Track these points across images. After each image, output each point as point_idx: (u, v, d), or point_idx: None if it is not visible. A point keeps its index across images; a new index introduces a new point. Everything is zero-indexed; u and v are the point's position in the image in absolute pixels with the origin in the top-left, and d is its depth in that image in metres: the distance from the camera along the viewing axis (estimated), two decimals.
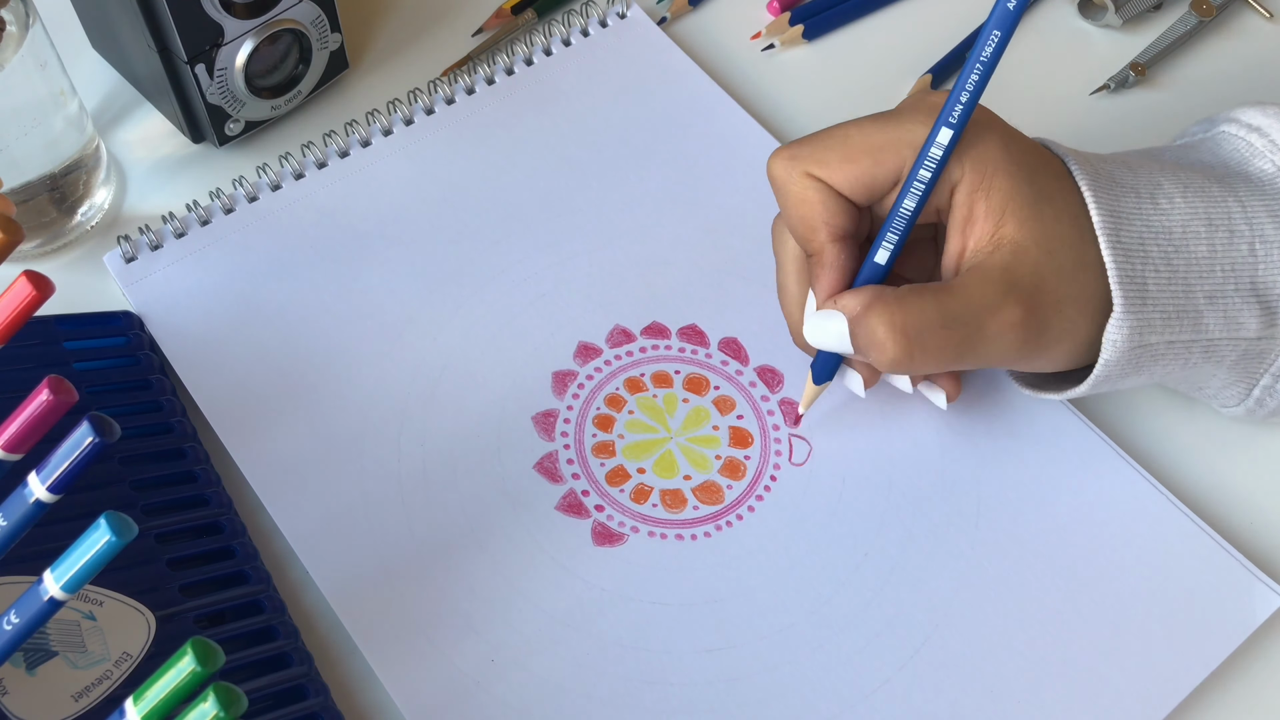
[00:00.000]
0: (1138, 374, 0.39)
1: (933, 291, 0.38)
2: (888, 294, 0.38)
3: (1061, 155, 0.40)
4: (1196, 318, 0.39)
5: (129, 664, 0.37)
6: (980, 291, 0.37)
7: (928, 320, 0.37)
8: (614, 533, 0.43)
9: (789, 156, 0.39)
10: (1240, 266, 0.39)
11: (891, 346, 0.37)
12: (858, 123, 0.39)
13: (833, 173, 0.38)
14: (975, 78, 0.37)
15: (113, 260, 0.48)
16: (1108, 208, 0.38)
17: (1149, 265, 0.38)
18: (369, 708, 0.40)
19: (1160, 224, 0.39)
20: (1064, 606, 0.41)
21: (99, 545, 0.26)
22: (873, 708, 0.40)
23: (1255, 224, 0.39)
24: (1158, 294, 0.38)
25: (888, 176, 0.38)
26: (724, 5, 0.58)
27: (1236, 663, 0.41)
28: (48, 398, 0.27)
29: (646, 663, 0.40)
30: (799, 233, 0.40)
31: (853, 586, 0.42)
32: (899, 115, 0.39)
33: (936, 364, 0.38)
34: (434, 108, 0.52)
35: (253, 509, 0.44)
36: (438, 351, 0.46)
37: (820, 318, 0.39)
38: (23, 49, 0.44)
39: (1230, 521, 0.44)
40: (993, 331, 0.37)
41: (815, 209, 0.39)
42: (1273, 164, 0.41)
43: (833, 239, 0.39)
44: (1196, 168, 0.41)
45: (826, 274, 0.39)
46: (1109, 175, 0.39)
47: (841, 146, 0.38)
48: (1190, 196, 0.39)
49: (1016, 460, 0.44)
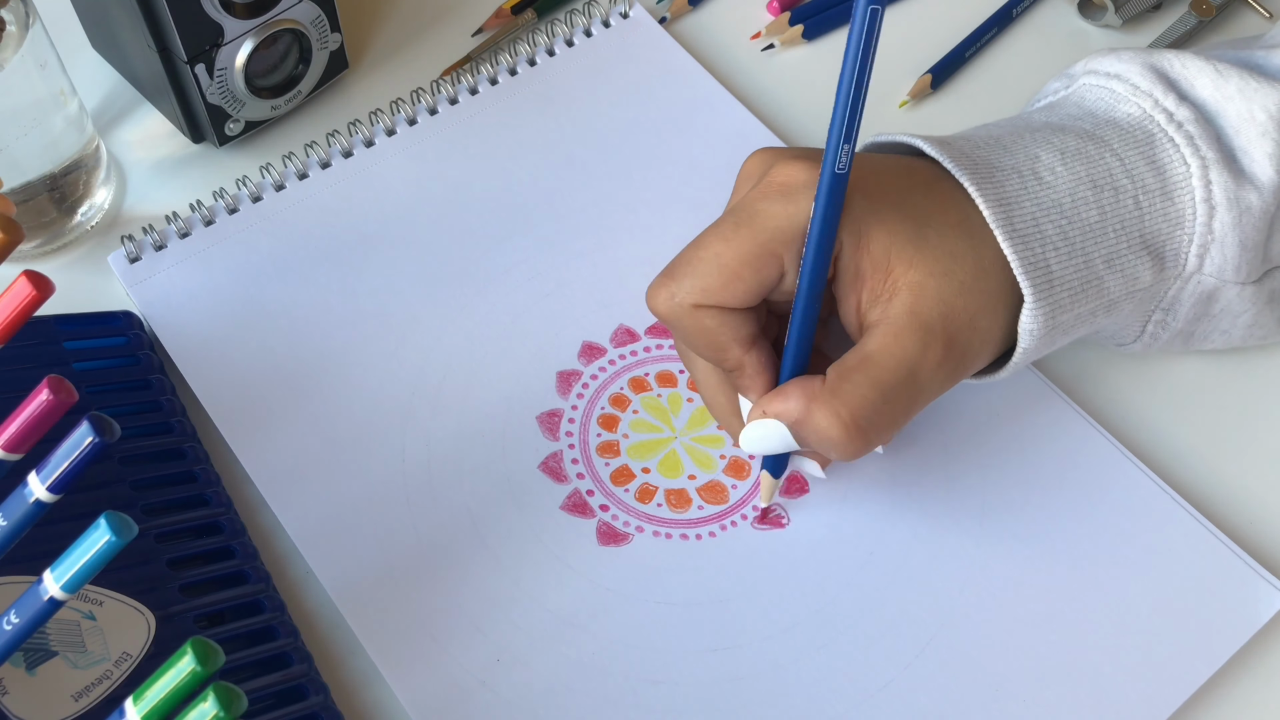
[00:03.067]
0: (1050, 348, 0.40)
1: (859, 369, 0.36)
2: (820, 390, 0.36)
3: (934, 154, 0.39)
4: (1099, 284, 0.39)
5: (129, 664, 0.37)
6: (899, 347, 0.36)
7: (869, 402, 0.36)
8: (619, 532, 0.43)
9: (668, 295, 0.37)
10: (1129, 222, 0.39)
11: (847, 441, 0.36)
12: (719, 235, 0.37)
13: (721, 297, 0.37)
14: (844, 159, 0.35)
15: (117, 260, 0.48)
16: (994, 196, 0.38)
17: (1048, 245, 0.38)
18: (369, 707, 0.40)
19: (1049, 198, 0.39)
20: (1068, 606, 0.41)
21: (99, 545, 0.26)
22: (877, 707, 0.39)
23: (1135, 175, 0.39)
24: (1061, 272, 0.38)
25: (773, 276, 0.37)
26: (724, 5, 0.57)
27: (1241, 662, 0.41)
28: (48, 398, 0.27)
29: (651, 662, 0.40)
30: (709, 357, 0.39)
31: (857, 586, 0.42)
32: (755, 209, 0.37)
33: (889, 435, 0.37)
34: (437, 107, 0.52)
35: (252, 508, 0.44)
36: (442, 351, 0.46)
37: (759, 427, 0.38)
38: (23, 49, 0.44)
39: (1234, 520, 0.44)
40: (925, 379, 0.37)
41: (718, 335, 0.37)
42: (1138, 107, 0.41)
43: (746, 349, 0.38)
44: (1069, 127, 0.41)
45: (754, 382, 0.38)
46: (986, 162, 0.39)
47: (718, 270, 0.36)
48: (1071, 162, 0.39)
49: (1020, 460, 0.44)
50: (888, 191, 0.38)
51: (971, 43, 0.55)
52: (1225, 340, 0.43)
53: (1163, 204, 0.40)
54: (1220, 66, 0.41)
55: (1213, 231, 0.39)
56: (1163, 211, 0.39)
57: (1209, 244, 0.40)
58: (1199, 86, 0.41)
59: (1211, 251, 0.40)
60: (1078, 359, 0.47)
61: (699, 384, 0.41)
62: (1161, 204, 0.39)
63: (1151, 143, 0.40)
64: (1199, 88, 0.41)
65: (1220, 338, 0.43)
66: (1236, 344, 0.44)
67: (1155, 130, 0.40)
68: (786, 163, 0.37)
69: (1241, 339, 0.43)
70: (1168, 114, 0.40)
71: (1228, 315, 0.42)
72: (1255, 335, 0.43)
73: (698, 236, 0.38)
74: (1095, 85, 0.42)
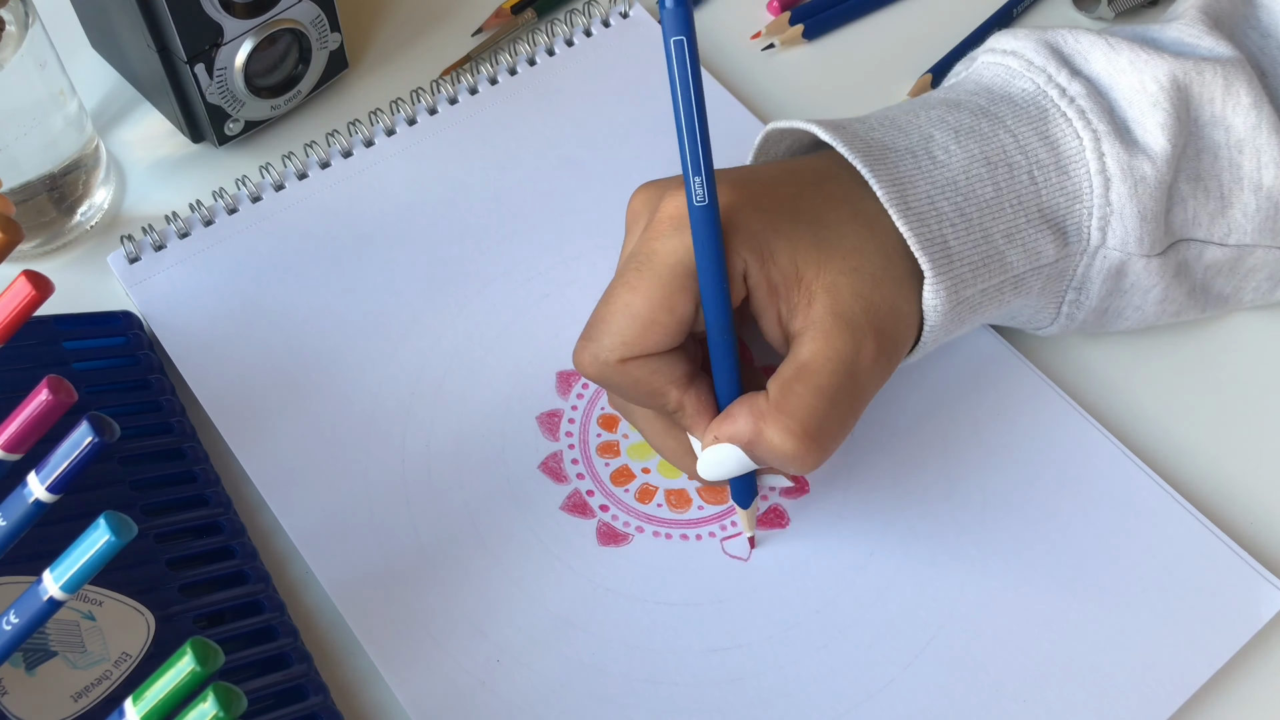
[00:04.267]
0: (960, 327, 0.40)
1: (798, 378, 0.36)
2: (765, 406, 0.36)
3: (828, 139, 0.39)
4: (1000, 259, 0.39)
5: (128, 664, 0.37)
6: (831, 349, 0.36)
7: (816, 409, 0.36)
8: (619, 532, 0.43)
9: (591, 357, 0.37)
10: (1025, 197, 0.40)
11: (804, 453, 0.36)
12: (625, 284, 0.36)
13: (643, 346, 0.36)
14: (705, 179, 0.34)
15: (116, 260, 0.48)
16: (888, 177, 0.38)
17: (944, 222, 0.38)
18: (369, 707, 0.40)
19: (943, 177, 0.39)
20: (1069, 605, 0.41)
21: (98, 545, 0.26)
22: (877, 707, 0.39)
23: (1029, 151, 0.40)
24: (960, 248, 0.38)
25: (689, 311, 0.36)
26: (724, 5, 0.57)
27: (1242, 661, 0.41)
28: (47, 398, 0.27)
29: (651, 662, 0.40)
30: (649, 405, 0.38)
31: (857, 586, 0.42)
32: (652, 250, 0.36)
33: (842, 438, 0.37)
34: (437, 107, 0.52)
35: (252, 508, 0.44)
36: (442, 351, 0.46)
37: (713, 453, 0.37)
38: (22, 49, 0.44)
39: (1235, 520, 0.44)
40: (864, 375, 0.37)
41: (651, 382, 0.37)
42: (1032, 82, 0.41)
43: (683, 389, 0.37)
44: (965, 106, 0.41)
45: (698, 419, 0.38)
46: (880, 144, 0.39)
47: (632, 320, 0.36)
48: (964, 140, 0.40)
49: (1021, 459, 0.44)
50: (780, 201, 0.38)
51: (971, 43, 0.55)
52: (1139, 317, 0.44)
53: (1058, 178, 0.40)
54: (1112, 40, 0.41)
55: (1110, 203, 0.40)
56: (1059, 185, 0.40)
57: (1109, 216, 0.40)
58: (1092, 60, 0.41)
59: (1112, 223, 0.40)
60: (1078, 358, 0.47)
61: (644, 434, 0.41)
62: (1057, 178, 0.40)
63: (1045, 118, 0.40)
64: (1092, 61, 0.41)
65: (1134, 314, 0.44)
66: (1151, 321, 0.44)
67: (1048, 105, 0.41)
68: (671, 195, 0.37)
69: (1155, 315, 0.44)
70: (1060, 89, 0.41)
71: (1138, 290, 0.42)
72: (1168, 311, 0.44)
73: (606, 291, 0.37)
74: (992, 63, 0.43)
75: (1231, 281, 0.44)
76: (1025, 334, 0.47)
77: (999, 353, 0.46)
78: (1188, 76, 0.40)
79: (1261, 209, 0.42)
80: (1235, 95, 0.41)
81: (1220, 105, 0.41)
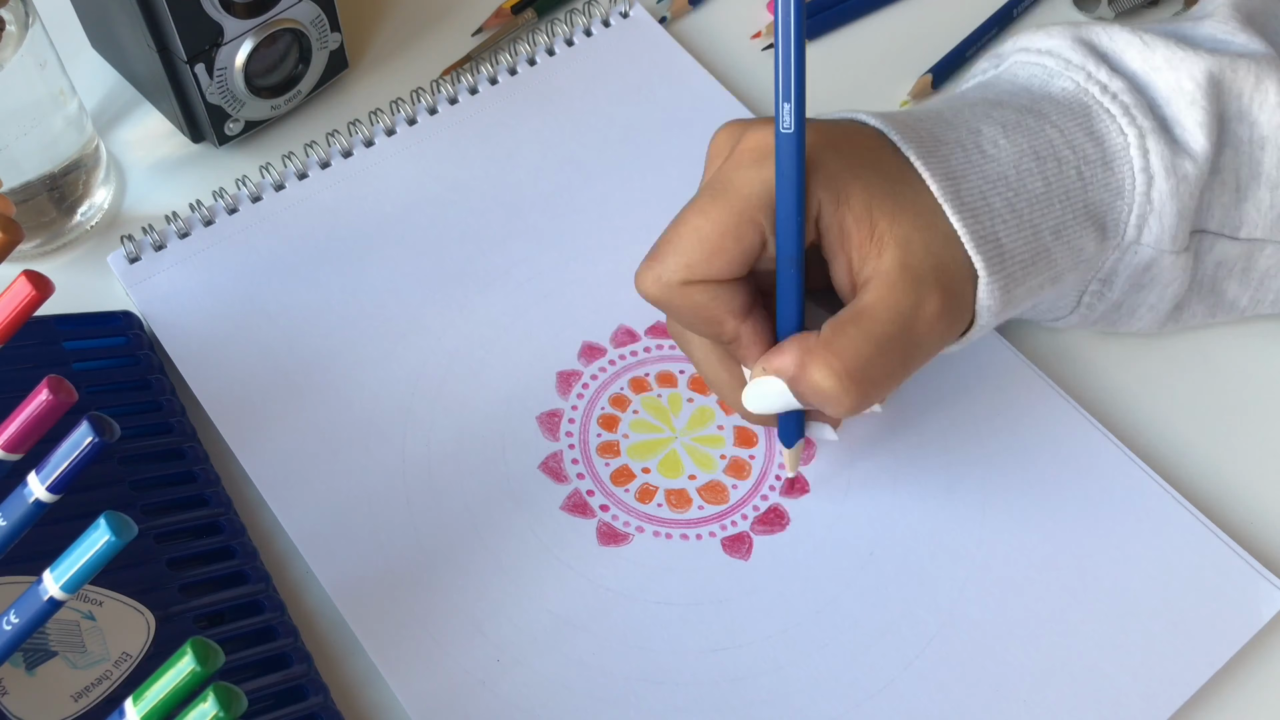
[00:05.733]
0: (998, 321, 0.40)
1: (853, 321, 0.36)
2: (815, 343, 0.36)
3: (880, 128, 0.39)
4: (1048, 257, 0.39)
5: (129, 664, 0.37)
6: (894, 299, 0.36)
7: (863, 354, 0.36)
8: (619, 532, 0.43)
9: (655, 277, 0.37)
10: (1073, 193, 0.39)
11: (842, 394, 0.36)
12: (697, 209, 0.37)
13: (706, 270, 0.37)
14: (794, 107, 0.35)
15: (116, 261, 0.48)
16: (940, 170, 0.38)
17: (996, 218, 0.38)
18: (369, 708, 0.40)
19: (994, 171, 0.38)
20: (1069, 605, 0.41)
21: (99, 545, 0.26)
22: (877, 707, 0.39)
23: (1076, 146, 0.40)
24: (1011, 245, 0.38)
25: (755, 243, 0.37)
26: (724, 5, 0.57)
27: (1242, 661, 0.41)
28: (47, 398, 0.27)
29: (651, 662, 0.40)
30: (705, 332, 0.39)
31: (857, 586, 0.42)
32: (729, 179, 0.37)
33: (888, 389, 0.37)
34: (437, 107, 0.52)
35: (252, 508, 0.44)
36: (442, 351, 0.46)
37: (758, 385, 0.38)
38: (22, 49, 0.44)
39: (1235, 519, 0.44)
40: (923, 331, 0.37)
41: (710, 309, 0.37)
42: (1072, 81, 0.41)
43: (740, 319, 0.37)
44: (1007, 104, 0.41)
45: (751, 350, 0.38)
46: (930, 135, 0.39)
47: (699, 244, 0.36)
48: (1012, 134, 0.39)
49: (1021, 458, 0.44)
50: (863, 150, 0.38)
51: (972, 43, 0.55)
52: (1153, 317, 0.44)
53: (1104, 174, 0.40)
54: (1147, 38, 0.41)
55: (1151, 201, 0.40)
56: (1104, 181, 0.40)
57: (1148, 214, 0.40)
58: (1128, 58, 0.41)
59: (1150, 221, 0.40)
60: (1078, 358, 0.47)
61: (697, 363, 0.41)
62: (1103, 174, 0.40)
63: (1089, 114, 0.40)
64: (1128, 59, 0.41)
65: (1147, 313, 0.43)
66: (1163, 321, 0.44)
67: (1091, 103, 0.40)
68: (755, 130, 0.37)
69: (1167, 314, 0.44)
70: (1101, 86, 0.40)
71: (1158, 285, 0.42)
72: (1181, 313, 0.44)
73: (677, 215, 0.37)
74: (1028, 62, 0.42)
75: (1247, 290, 0.44)
76: (1026, 334, 0.47)
77: (999, 353, 0.46)
78: (1223, 73, 0.40)
79: (1276, 205, 0.41)
80: (1264, 92, 0.40)
81: (1248, 100, 0.41)
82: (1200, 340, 0.48)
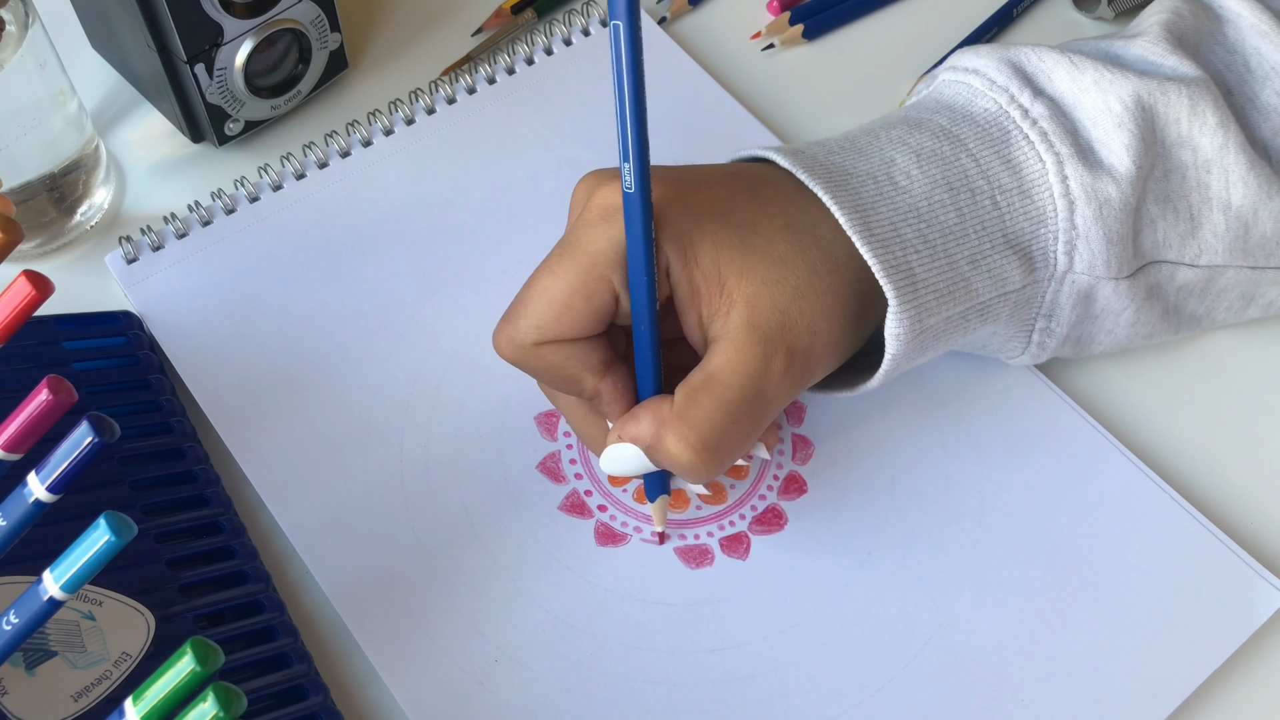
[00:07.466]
0: (922, 355, 0.39)
1: (705, 389, 0.36)
2: (669, 413, 0.36)
3: (787, 166, 0.39)
4: (966, 286, 0.39)
5: (128, 664, 0.37)
6: (742, 362, 0.36)
7: (717, 423, 0.36)
8: (617, 533, 0.43)
9: (508, 339, 0.37)
10: (988, 223, 0.39)
11: (700, 465, 0.36)
12: (547, 269, 0.37)
13: (558, 330, 0.36)
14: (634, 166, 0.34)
15: (114, 261, 0.48)
16: (850, 204, 0.37)
17: (909, 248, 0.38)
18: (369, 708, 0.40)
19: (905, 203, 0.38)
20: (1067, 605, 0.41)
21: (98, 545, 0.26)
22: (876, 707, 0.39)
23: (990, 175, 0.39)
24: (925, 275, 0.38)
25: (607, 300, 0.36)
26: (724, 5, 0.58)
27: (1240, 661, 0.41)
28: (47, 398, 0.27)
29: (649, 663, 0.40)
30: (565, 390, 0.38)
31: (856, 586, 0.42)
32: (578, 237, 0.37)
33: (742, 452, 0.37)
34: (435, 107, 0.52)
35: (252, 509, 0.44)
36: (440, 352, 0.46)
37: (615, 450, 0.38)
38: (22, 49, 0.44)
39: (1234, 519, 0.44)
40: (771, 391, 0.37)
41: (567, 368, 0.37)
42: (994, 102, 0.41)
43: (600, 377, 0.37)
44: (926, 126, 0.41)
45: (614, 407, 0.38)
46: (840, 169, 0.39)
47: (549, 304, 0.36)
48: (926, 165, 0.39)
49: (1019, 458, 0.44)
50: (712, 201, 0.37)
51: (971, 42, 0.55)
52: (1112, 341, 0.43)
53: (1021, 202, 0.40)
54: (1076, 59, 0.41)
55: (1076, 227, 0.39)
56: (1023, 210, 0.40)
57: (1075, 240, 0.40)
58: (1055, 79, 0.41)
59: (1079, 247, 0.40)
60: (1077, 359, 0.47)
61: (566, 418, 0.41)
62: (1020, 202, 0.40)
63: (1007, 140, 0.40)
64: (1055, 80, 0.41)
65: (1106, 338, 0.43)
66: (1124, 345, 0.44)
67: (1010, 127, 0.40)
68: (605, 186, 0.37)
69: (1128, 338, 0.43)
70: (1023, 110, 0.40)
71: (1109, 314, 0.42)
72: (1140, 334, 0.43)
73: (531, 275, 0.37)
74: (954, 80, 0.42)
75: (1204, 302, 0.44)
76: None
77: None
78: (1152, 97, 0.40)
79: (1231, 229, 0.41)
80: (1201, 116, 0.40)
81: (1187, 126, 0.40)
82: (1199, 340, 0.48)
